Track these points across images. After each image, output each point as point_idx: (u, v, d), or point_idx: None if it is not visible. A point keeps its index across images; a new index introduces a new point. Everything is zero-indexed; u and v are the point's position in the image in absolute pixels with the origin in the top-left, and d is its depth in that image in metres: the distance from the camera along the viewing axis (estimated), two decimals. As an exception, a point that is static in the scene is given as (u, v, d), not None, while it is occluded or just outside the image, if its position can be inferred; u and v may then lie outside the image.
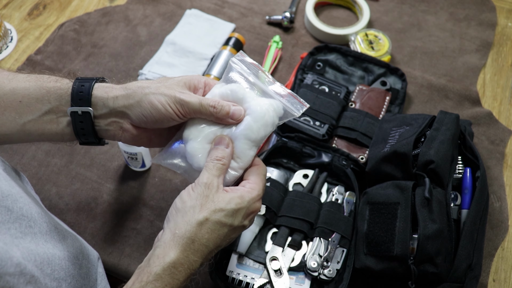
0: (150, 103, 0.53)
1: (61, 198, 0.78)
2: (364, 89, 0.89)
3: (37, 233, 0.50)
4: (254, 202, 0.53)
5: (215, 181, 0.52)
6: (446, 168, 0.69)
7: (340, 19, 1.07)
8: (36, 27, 1.02)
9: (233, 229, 0.52)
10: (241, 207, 0.51)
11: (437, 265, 0.63)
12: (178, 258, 0.48)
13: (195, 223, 0.49)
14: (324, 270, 0.68)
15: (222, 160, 0.53)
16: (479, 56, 1.01)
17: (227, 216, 0.50)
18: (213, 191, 0.51)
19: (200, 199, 0.51)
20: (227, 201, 0.51)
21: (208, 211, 0.50)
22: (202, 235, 0.49)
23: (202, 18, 1.04)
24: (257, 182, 0.54)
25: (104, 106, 0.55)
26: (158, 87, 0.54)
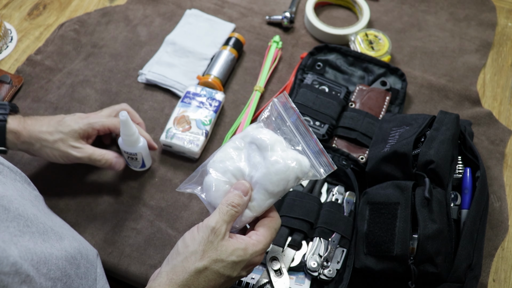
0: (46, 154, 0.69)
1: (61, 197, 0.78)
2: (364, 89, 0.89)
3: (34, 233, 0.50)
4: (256, 256, 0.52)
5: (223, 228, 0.51)
6: (446, 168, 0.69)
7: (340, 19, 1.07)
8: (36, 27, 1.02)
9: (230, 280, 0.51)
10: (242, 260, 0.51)
11: (437, 265, 0.63)
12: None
13: (194, 271, 0.49)
14: (324, 270, 0.68)
15: (237, 208, 0.52)
16: (479, 56, 1.01)
17: (226, 267, 0.50)
18: (218, 238, 0.50)
19: (203, 245, 0.50)
20: (230, 252, 0.50)
21: (209, 259, 0.49)
22: (198, 284, 0.49)
23: (202, 18, 1.04)
24: (265, 235, 0.53)
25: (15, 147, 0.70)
26: (55, 140, 0.68)
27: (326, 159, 0.55)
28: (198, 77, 0.92)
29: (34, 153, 0.71)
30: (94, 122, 0.71)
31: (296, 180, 0.54)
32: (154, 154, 0.84)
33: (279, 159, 0.53)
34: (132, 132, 0.70)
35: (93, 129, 0.71)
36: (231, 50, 0.96)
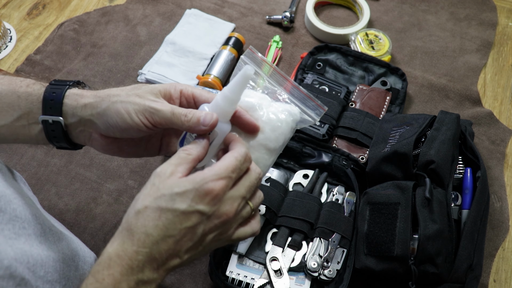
0: (116, 112, 0.51)
1: (61, 198, 0.78)
2: (365, 89, 0.89)
3: (31, 235, 0.50)
4: (207, 182, 0.45)
5: (169, 169, 0.46)
6: (446, 168, 0.69)
7: (340, 18, 1.07)
8: (36, 26, 1.02)
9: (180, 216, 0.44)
10: (186, 190, 0.44)
11: (437, 265, 0.63)
12: (114, 250, 0.43)
13: (133, 213, 0.45)
14: (324, 271, 0.68)
15: (188, 150, 0.48)
16: (479, 56, 1.01)
17: (167, 200, 0.44)
18: (162, 178, 0.46)
19: (145, 189, 0.46)
20: (171, 185, 0.45)
21: (149, 198, 0.45)
22: (141, 224, 0.44)
23: (202, 18, 1.04)
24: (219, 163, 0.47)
25: (73, 115, 0.53)
26: (129, 95, 0.52)
27: (314, 102, 0.54)
28: (198, 77, 0.92)
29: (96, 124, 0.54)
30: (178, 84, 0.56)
31: (292, 130, 0.54)
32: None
33: (271, 115, 0.53)
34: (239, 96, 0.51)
35: (176, 89, 0.54)
36: (231, 50, 0.96)
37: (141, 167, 0.82)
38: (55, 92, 0.53)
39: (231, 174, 0.46)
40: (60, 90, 0.53)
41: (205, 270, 0.72)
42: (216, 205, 0.46)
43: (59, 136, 0.55)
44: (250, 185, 0.49)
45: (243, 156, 0.48)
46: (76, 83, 0.56)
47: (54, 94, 0.53)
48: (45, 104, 0.53)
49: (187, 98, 0.55)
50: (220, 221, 0.46)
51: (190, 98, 0.55)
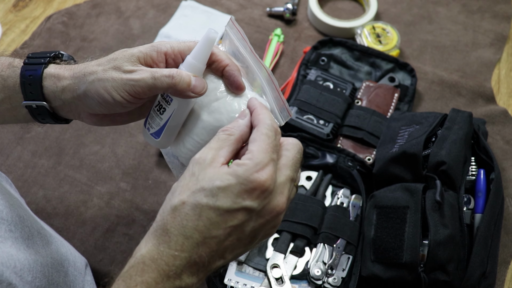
0: (95, 93, 0.50)
1: (49, 201, 0.78)
2: (371, 86, 0.89)
3: (18, 238, 0.50)
4: (251, 174, 0.41)
5: (209, 155, 0.43)
6: (458, 169, 0.69)
7: (346, 11, 1.08)
8: (22, 19, 1.03)
9: (225, 215, 0.41)
10: (230, 184, 0.41)
11: (448, 273, 0.63)
12: (148, 252, 0.41)
13: (169, 209, 0.42)
14: (329, 279, 0.68)
15: (229, 130, 0.45)
16: (493, 50, 1.01)
17: (207, 196, 0.41)
18: (202, 166, 0.42)
19: (183, 180, 0.43)
20: (212, 178, 0.41)
21: (187, 192, 0.42)
22: (178, 224, 0.41)
23: (198, 10, 1.04)
24: (256, 146, 0.43)
25: (56, 98, 0.53)
26: (105, 70, 0.50)
27: (284, 105, 0.51)
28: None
29: (79, 105, 0.53)
30: (160, 43, 0.52)
31: None
32: (148, 155, 0.84)
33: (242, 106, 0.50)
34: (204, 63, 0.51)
35: (159, 52, 0.51)
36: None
37: (134, 168, 0.83)
38: (32, 75, 0.53)
39: (272, 156, 0.43)
40: (36, 71, 0.53)
41: (202, 277, 0.72)
42: (266, 199, 0.42)
43: (47, 118, 0.56)
44: (295, 161, 0.45)
45: (272, 128, 0.44)
46: (53, 57, 0.56)
47: (31, 77, 0.53)
48: (24, 89, 0.53)
49: (175, 59, 0.52)
50: (272, 216, 0.43)
51: (178, 57, 0.52)
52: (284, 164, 0.44)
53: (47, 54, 0.55)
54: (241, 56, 0.53)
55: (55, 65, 0.55)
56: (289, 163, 0.45)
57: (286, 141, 0.46)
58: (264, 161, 0.42)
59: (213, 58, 0.51)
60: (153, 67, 0.51)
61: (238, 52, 0.53)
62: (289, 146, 0.46)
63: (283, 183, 0.43)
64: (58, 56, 0.57)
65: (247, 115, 0.46)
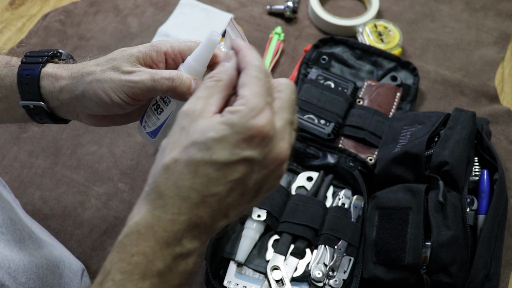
0: (94, 94, 0.50)
1: (45, 202, 0.78)
2: (373, 85, 0.89)
3: (10, 240, 0.50)
4: (247, 120, 0.37)
5: (198, 105, 0.39)
6: (461, 170, 0.69)
7: (347, 9, 1.08)
8: (18, 17, 1.03)
9: (224, 169, 0.37)
10: (225, 134, 0.37)
11: (451, 275, 0.63)
12: (143, 219, 0.38)
13: (160, 169, 0.38)
14: (330, 281, 0.68)
15: (217, 76, 0.41)
16: (497, 49, 1.01)
17: (202, 150, 0.37)
18: (192, 118, 0.39)
19: (173, 136, 0.39)
20: (204, 129, 0.37)
21: (179, 148, 0.38)
22: (172, 184, 0.37)
23: (197, 8, 1.04)
24: (247, 91, 0.39)
25: (53, 99, 0.53)
26: (104, 70, 0.50)
27: None
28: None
29: (78, 106, 0.53)
30: (160, 43, 0.51)
31: None
32: (146, 156, 0.84)
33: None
34: (205, 66, 0.51)
35: (158, 52, 0.50)
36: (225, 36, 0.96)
37: (132, 169, 0.82)
38: (29, 74, 0.53)
39: (267, 99, 0.39)
40: (34, 70, 0.53)
41: (200, 280, 0.72)
42: (267, 146, 0.38)
43: (45, 118, 0.55)
44: (291, 103, 0.41)
45: (262, 70, 0.41)
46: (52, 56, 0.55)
47: (29, 77, 0.52)
48: (21, 88, 0.53)
49: (175, 59, 0.51)
50: (275, 164, 0.39)
51: (178, 57, 0.51)
52: (280, 107, 0.40)
53: (45, 53, 0.55)
54: None
55: (53, 64, 0.55)
56: (285, 105, 0.41)
57: (277, 82, 0.42)
58: (260, 105, 0.38)
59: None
60: (153, 67, 0.51)
61: None
62: (281, 87, 0.42)
63: (282, 127, 0.40)
64: (57, 55, 0.57)
65: (232, 57, 0.42)
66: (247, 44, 0.43)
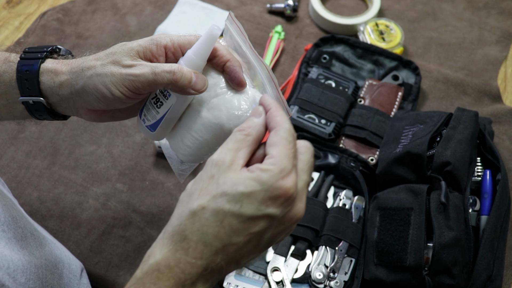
0: (94, 88, 0.50)
1: (43, 203, 0.78)
2: (374, 84, 0.89)
3: (11, 238, 0.50)
4: (276, 181, 0.40)
5: (228, 156, 0.42)
6: (463, 170, 0.69)
7: (348, 7, 1.07)
8: (16, 16, 1.02)
9: (247, 222, 0.40)
10: (254, 190, 0.40)
11: (454, 276, 0.63)
12: (164, 259, 0.40)
13: (188, 213, 0.40)
14: (331, 282, 0.68)
15: (246, 130, 0.44)
16: (500, 48, 1.01)
17: (230, 202, 0.40)
18: (221, 169, 0.41)
19: (201, 183, 0.41)
20: (235, 182, 0.40)
21: (207, 196, 0.40)
22: (197, 230, 0.40)
23: (197, 7, 1.04)
24: (277, 152, 0.42)
25: (53, 94, 0.53)
26: (104, 65, 0.51)
27: (284, 105, 0.50)
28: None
29: (78, 101, 0.54)
30: (159, 37, 0.53)
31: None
32: (145, 156, 0.84)
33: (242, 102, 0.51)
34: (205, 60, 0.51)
35: (158, 45, 0.51)
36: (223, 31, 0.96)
37: (131, 169, 0.82)
38: (29, 70, 0.53)
39: (294, 162, 0.42)
40: (33, 66, 0.53)
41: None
42: (289, 206, 0.42)
43: (44, 114, 0.56)
44: (310, 165, 0.45)
45: (291, 133, 0.43)
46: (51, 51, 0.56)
47: (28, 72, 0.53)
48: (20, 84, 0.53)
49: (174, 52, 0.52)
50: (291, 222, 0.43)
51: (178, 51, 0.52)
52: (301, 169, 0.44)
53: (44, 49, 0.55)
54: (241, 51, 0.53)
55: (53, 59, 0.55)
56: (306, 167, 0.44)
57: (299, 144, 0.45)
58: (288, 168, 0.41)
59: (214, 53, 0.51)
60: (153, 61, 0.51)
61: (239, 47, 0.53)
62: (303, 149, 0.45)
63: (302, 189, 0.43)
64: (56, 50, 0.57)
65: (262, 113, 0.45)
66: (276, 103, 0.46)
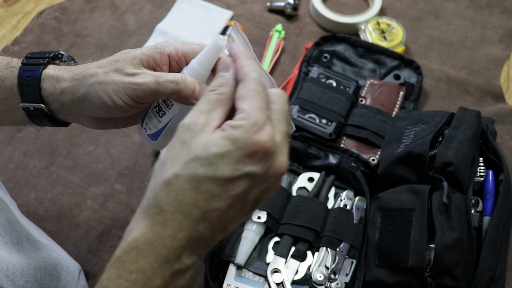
0: (96, 96, 0.50)
1: (41, 203, 0.78)
2: (376, 84, 0.89)
3: (8, 242, 0.50)
4: (250, 136, 0.38)
5: (200, 119, 0.40)
6: (466, 170, 0.69)
7: (349, 6, 1.07)
8: (13, 14, 1.03)
9: (226, 184, 0.38)
10: (228, 150, 0.37)
11: (456, 277, 0.63)
12: (142, 234, 0.38)
13: (161, 183, 0.39)
14: (331, 284, 0.68)
15: (219, 90, 0.42)
16: (502, 46, 1.01)
17: (204, 165, 0.37)
18: (193, 132, 0.39)
19: (174, 150, 0.39)
20: (206, 144, 0.38)
21: (180, 163, 0.38)
22: (173, 199, 0.38)
23: (196, 5, 1.04)
24: (247, 105, 0.39)
25: (54, 101, 0.53)
26: (106, 72, 0.50)
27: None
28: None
29: (79, 109, 0.54)
30: (163, 45, 0.52)
31: None
32: (144, 156, 0.84)
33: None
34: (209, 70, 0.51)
35: (162, 54, 0.51)
36: (229, 40, 0.96)
37: (129, 169, 0.82)
38: (30, 76, 0.53)
39: (267, 113, 0.40)
40: (34, 72, 0.53)
41: (199, 282, 0.72)
42: (269, 161, 0.39)
43: (45, 121, 0.56)
44: (286, 114, 0.42)
45: (260, 83, 0.41)
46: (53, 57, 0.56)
47: (29, 78, 0.53)
48: (22, 90, 0.53)
49: (178, 61, 0.52)
50: (275, 178, 0.40)
51: (182, 60, 0.52)
52: (277, 119, 0.41)
53: (46, 55, 0.55)
54: None
55: (55, 66, 0.55)
56: (281, 117, 0.41)
57: (270, 93, 0.42)
58: (261, 120, 0.39)
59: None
60: (156, 69, 0.51)
61: None
62: (275, 97, 0.42)
63: (281, 141, 0.40)
64: (58, 56, 0.57)
65: (230, 66, 0.43)
66: (244, 51, 0.44)
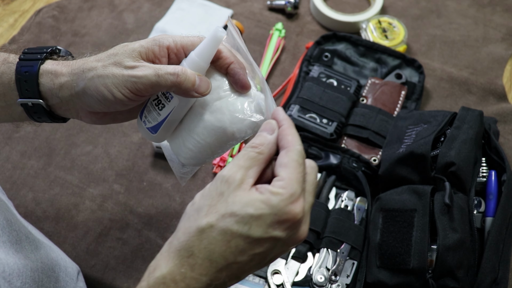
0: (95, 90, 0.51)
1: (38, 204, 0.78)
2: (377, 83, 0.89)
3: (6, 242, 0.50)
4: (286, 205, 0.42)
5: (238, 174, 0.43)
6: (468, 171, 0.69)
7: (350, 4, 1.08)
8: (10, 13, 1.03)
9: (253, 243, 0.42)
10: (263, 213, 0.41)
11: (458, 279, 0.63)
12: (170, 273, 0.42)
13: (195, 230, 0.42)
14: (332, 285, 0.68)
15: (259, 148, 0.44)
16: (505, 45, 1.01)
17: (239, 223, 0.41)
18: (231, 188, 0.42)
19: (210, 199, 0.43)
20: (244, 203, 0.42)
21: (215, 215, 0.42)
22: (204, 247, 0.41)
23: (195, 4, 1.04)
24: (288, 175, 0.43)
25: (53, 96, 0.54)
26: (105, 66, 0.51)
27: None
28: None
29: (78, 103, 0.54)
30: (162, 37, 0.52)
31: (246, 135, 0.52)
32: (142, 156, 0.84)
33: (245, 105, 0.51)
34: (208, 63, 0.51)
35: (161, 46, 0.51)
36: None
37: (128, 169, 0.82)
38: (28, 71, 0.53)
39: (303, 186, 0.44)
40: (32, 67, 0.53)
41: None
42: (295, 229, 0.43)
43: (43, 117, 0.56)
44: (315, 186, 0.46)
45: (302, 155, 0.45)
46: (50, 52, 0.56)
47: (27, 74, 0.53)
48: (20, 86, 0.53)
49: (177, 54, 0.52)
50: (294, 243, 0.45)
51: (181, 52, 0.52)
52: (308, 191, 0.45)
53: (44, 50, 0.55)
54: (243, 53, 0.53)
55: (52, 61, 0.55)
56: (311, 189, 0.45)
57: (306, 164, 0.46)
58: (298, 192, 0.42)
59: (217, 55, 0.51)
60: (155, 62, 0.51)
61: (240, 48, 0.53)
62: (309, 169, 0.46)
63: (307, 212, 0.44)
64: (55, 51, 0.57)
65: (275, 130, 0.46)
66: (289, 119, 0.47)
